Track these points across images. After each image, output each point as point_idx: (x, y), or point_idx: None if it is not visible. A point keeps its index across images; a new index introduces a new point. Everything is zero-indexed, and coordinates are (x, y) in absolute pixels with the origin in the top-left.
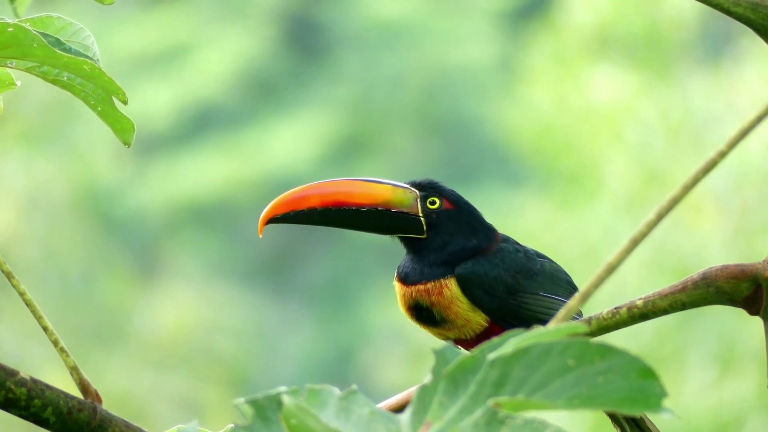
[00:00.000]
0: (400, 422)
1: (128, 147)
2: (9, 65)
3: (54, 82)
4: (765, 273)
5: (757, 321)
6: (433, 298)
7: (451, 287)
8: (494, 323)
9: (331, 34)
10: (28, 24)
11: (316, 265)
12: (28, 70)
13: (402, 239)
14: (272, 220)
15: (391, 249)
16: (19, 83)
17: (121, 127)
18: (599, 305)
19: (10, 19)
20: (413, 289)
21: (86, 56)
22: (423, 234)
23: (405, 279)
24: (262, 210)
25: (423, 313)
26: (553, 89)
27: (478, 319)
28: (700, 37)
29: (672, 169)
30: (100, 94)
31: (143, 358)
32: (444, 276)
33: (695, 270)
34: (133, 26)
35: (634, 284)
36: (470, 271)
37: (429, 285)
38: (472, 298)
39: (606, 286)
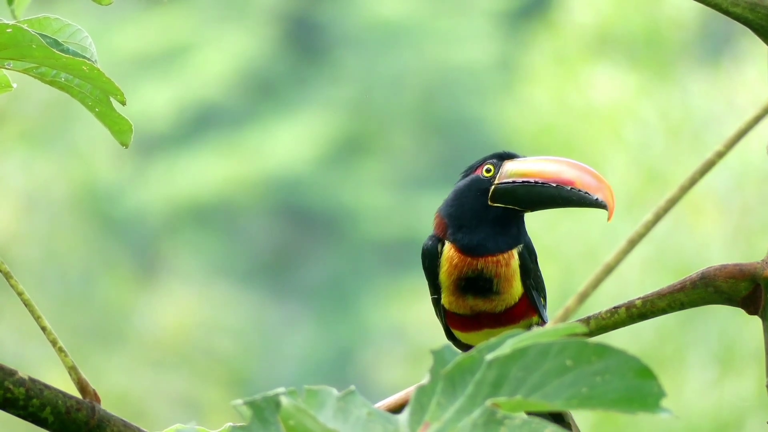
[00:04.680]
0: (398, 423)
1: (126, 148)
2: (7, 66)
3: (52, 83)
4: (764, 272)
5: (757, 321)
6: (501, 269)
7: (516, 259)
8: (523, 298)
9: (331, 34)
10: (26, 25)
11: (316, 265)
12: (26, 71)
13: (510, 210)
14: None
15: (391, 249)
16: (15, 85)
17: (118, 128)
18: (600, 305)
19: (8, 21)
20: (482, 260)
21: (84, 57)
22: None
23: (474, 250)
24: (262, 210)
25: (479, 284)
26: (553, 89)
27: (518, 292)
28: (700, 37)
29: (672, 169)
30: (98, 95)
31: (143, 358)
32: (514, 247)
33: (696, 270)
34: (133, 26)
35: (636, 284)
36: (530, 243)
37: (501, 256)
38: (524, 271)
39: (607, 286)
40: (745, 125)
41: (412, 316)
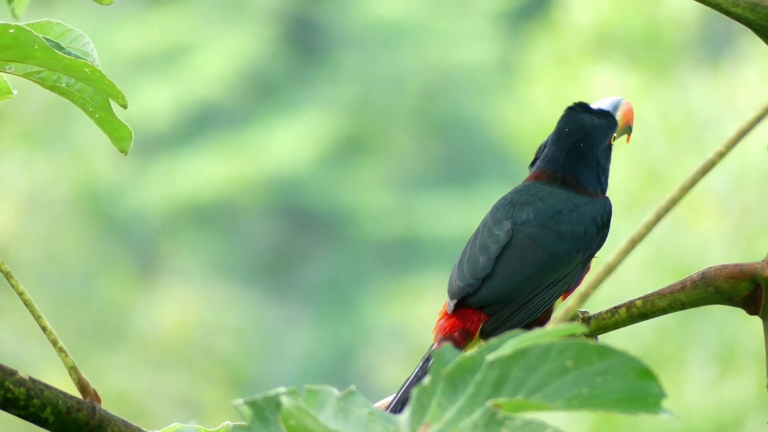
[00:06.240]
0: (399, 423)
1: (125, 155)
2: (8, 70)
3: (52, 88)
4: (764, 272)
5: (757, 321)
6: None
7: None
8: None
9: (331, 34)
10: (28, 27)
11: (316, 265)
12: (26, 75)
13: None
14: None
15: (391, 249)
16: (15, 92)
17: (118, 134)
18: (600, 305)
19: (9, 22)
20: None
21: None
22: None
23: None
24: (262, 210)
25: None
26: (553, 89)
27: None
28: (700, 37)
29: (672, 169)
30: (99, 100)
31: (143, 357)
32: None
33: (696, 270)
34: (133, 26)
35: (635, 284)
36: None
37: None
38: None
39: (606, 287)
40: (747, 125)
41: (412, 316)
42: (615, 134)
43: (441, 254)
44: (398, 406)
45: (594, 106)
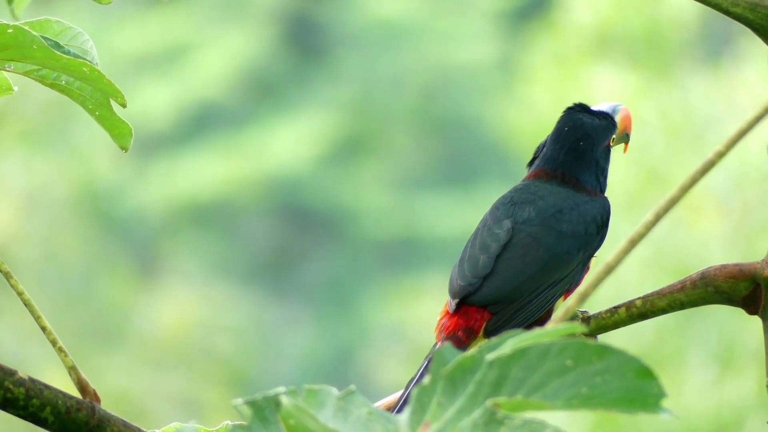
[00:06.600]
0: (399, 422)
1: (125, 152)
2: (7, 68)
3: (52, 85)
4: (764, 272)
5: (757, 321)
6: None
7: None
8: None
9: (331, 34)
10: (27, 27)
11: (316, 264)
12: (26, 73)
13: None
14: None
15: (391, 249)
16: (16, 88)
17: (118, 131)
18: (599, 305)
19: (9, 22)
20: None
21: (85, 59)
22: None
23: None
24: (262, 210)
25: None
26: (553, 89)
27: None
28: (700, 37)
29: (672, 169)
30: (98, 97)
31: (143, 357)
32: None
33: (696, 270)
34: (133, 26)
35: (635, 284)
36: None
37: None
38: None
39: (606, 287)
40: (746, 125)
41: (412, 316)
42: (614, 137)
43: (441, 254)
44: (403, 407)
45: (593, 108)
